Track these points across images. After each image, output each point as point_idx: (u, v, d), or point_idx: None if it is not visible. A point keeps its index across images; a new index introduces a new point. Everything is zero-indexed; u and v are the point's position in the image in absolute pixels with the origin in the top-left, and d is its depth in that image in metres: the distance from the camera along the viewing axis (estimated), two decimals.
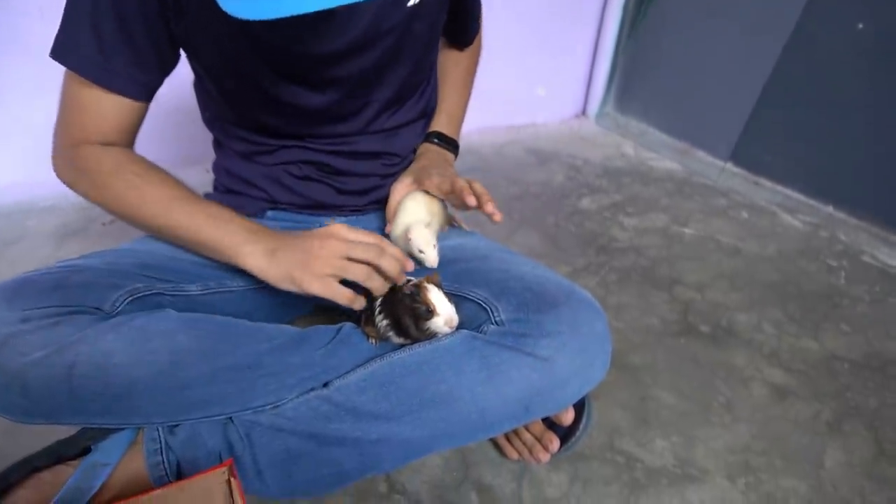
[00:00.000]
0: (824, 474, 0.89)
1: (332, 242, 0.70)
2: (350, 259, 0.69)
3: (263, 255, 0.72)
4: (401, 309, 0.70)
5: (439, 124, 0.97)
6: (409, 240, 0.79)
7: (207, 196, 0.92)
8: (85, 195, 0.77)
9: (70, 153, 0.76)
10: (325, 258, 0.69)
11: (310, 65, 0.75)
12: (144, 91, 0.75)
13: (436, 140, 0.96)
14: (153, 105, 0.79)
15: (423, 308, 0.69)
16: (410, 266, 0.74)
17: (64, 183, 0.78)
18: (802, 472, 0.89)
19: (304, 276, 0.69)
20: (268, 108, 0.80)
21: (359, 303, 0.71)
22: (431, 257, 0.79)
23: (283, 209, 0.90)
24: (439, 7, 0.83)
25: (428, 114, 0.96)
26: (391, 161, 0.91)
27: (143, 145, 0.82)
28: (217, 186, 0.93)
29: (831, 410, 1.01)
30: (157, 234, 0.79)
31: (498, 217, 0.78)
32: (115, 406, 0.66)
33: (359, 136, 0.86)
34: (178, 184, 0.77)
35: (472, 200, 0.76)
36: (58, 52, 0.71)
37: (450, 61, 1.00)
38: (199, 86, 0.84)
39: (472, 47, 1.02)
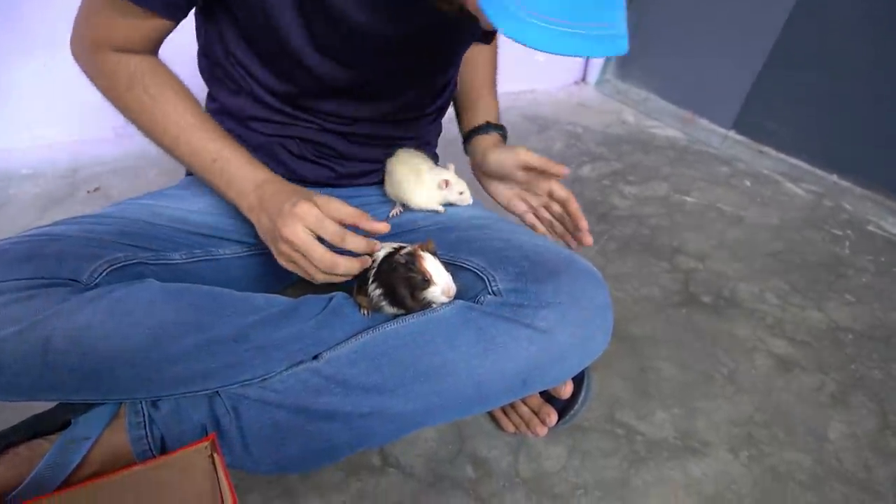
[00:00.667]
0: (828, 447, 0.87)
1: (297, 229, 0.63)
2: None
3: (255, 214, 0.70)
4: (395, 278, 0.67)
5: (488, 115, 0.93)
6: (450, 185, 0.82)
7: None
8: (102, 93, 0.74)
9: (90, 51, 0.71)
10: (288, 243, 0.64)
11: (361, 48, 0.71)
12: (180, 13, 0.70)
13: (492, 130, 0.91)
14: None
15: (420, 277, 0.66)
16: (381, 231, 0.68)
17: (82, 70, 0.74)
18: (806, 444, 0.87)
19: (274, 251, 0.67)
20: (292, 72, 0.74)
21: (320, 277, 0.66)
22: (468, 195, 0.84)
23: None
24: None
25: (443, 108, 0.93)
26: (394, 146, 0.87)
27: None
28: None
29: (836, 382, 0.99)
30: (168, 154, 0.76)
31: (588, 241, 0.81)
32: (93, 381, 0.63)
33: (372, 122, 0.82)
34: (190, 107, 0.72)
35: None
36: None
37: (474, 54, 0.95)
38: (208, 23, 0.78)
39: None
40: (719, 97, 1.98)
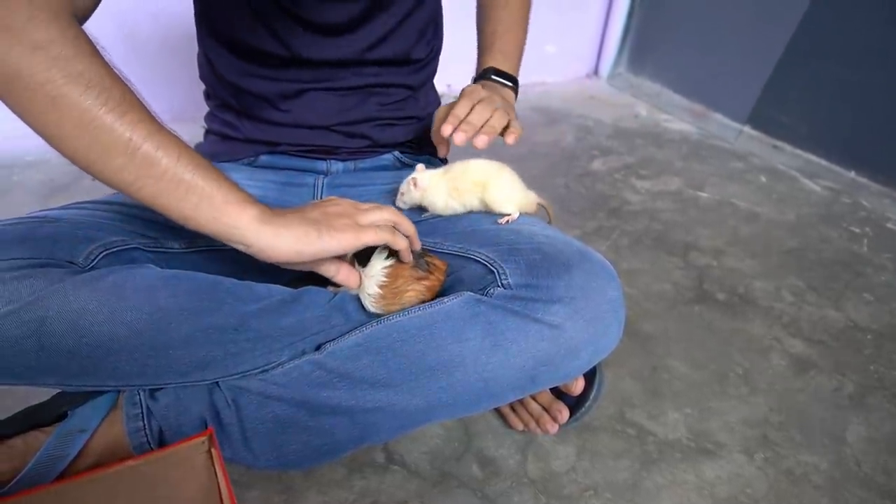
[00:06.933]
0: (846, 450, 0.84)
1: (344, 204, 0.64)
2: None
3: (260, 222, 0.58)
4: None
5: (494, 61, 0.87)
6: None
7: (197, 147, 0.87)
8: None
9: (54, 18, 0.48)
10: (344, 214, 0.63)
11: None
12: None
13: (492, 76, 0.86)
14: (143, 56, 0.72)
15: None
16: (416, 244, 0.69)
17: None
18: (823, 447, 0.84)
19: (326, 232, 0.60)
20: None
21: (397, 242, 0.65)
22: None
23: (281, 153, 0.85)
24: None
25: (432, 60, 0.90)
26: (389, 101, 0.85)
27: None
28: (209, 130, 0.88)
29: (854, 383, 0.96)
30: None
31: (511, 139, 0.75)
32: (89, 367, 0.61)
33: (354, 66, 0.80)
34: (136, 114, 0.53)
35: (446, 130, 0.70)
36: None
37: (495, 7, 0.91)
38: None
39: None
40: (734, 92, 1.94)
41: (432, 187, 0.76)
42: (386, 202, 0.84)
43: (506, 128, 0.75)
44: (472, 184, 0.76)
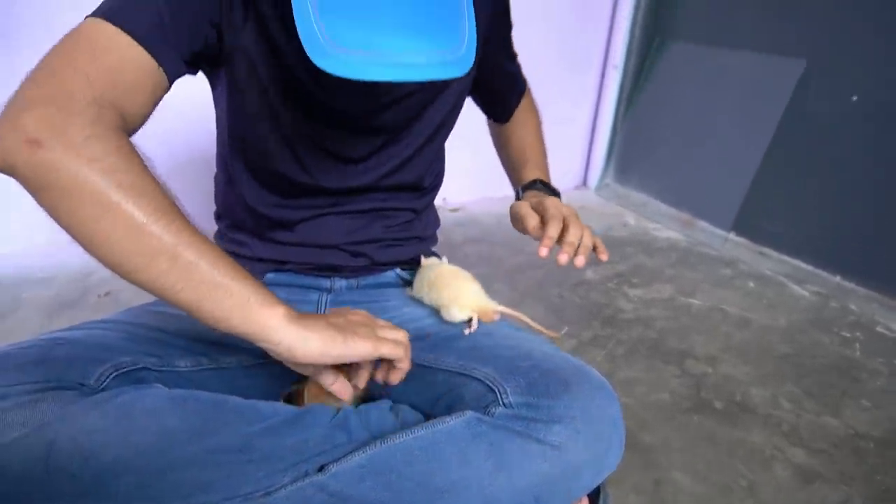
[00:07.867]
0: None
1: (363, 316, 0.70)
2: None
3: (289, 322, 0.62)
4: None
5: (535, 175, 0.94)
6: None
7: None
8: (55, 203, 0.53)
9: (91, 121, 0.54)
10: (365, 325, 0.68)
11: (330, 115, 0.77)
12: (175, 77, 0.66)
13: (540, 185, 0.92)
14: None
15: None
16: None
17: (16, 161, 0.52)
18: None
19: (350, 338, 0.64)
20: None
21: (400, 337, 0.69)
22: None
23: (287, 271, 0.88)
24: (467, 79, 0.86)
25: (435, 187, 0.96)
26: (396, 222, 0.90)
27: None
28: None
29: (861, 496, 0.94)
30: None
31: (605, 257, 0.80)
32: (92, 489, 0.61)
33: (368, 192, 0.85)
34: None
35: (543, 253, 0.76)
36: (108, 14, 0.59)
37: (516, 128, 1.01)
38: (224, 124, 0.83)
39: (527, 107, 1.03)
40: (717, 200, 2.04)
41: (426, 269, 0.86)
42: (388, 317, 0.87)
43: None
44: (433, 284, 0.82)
